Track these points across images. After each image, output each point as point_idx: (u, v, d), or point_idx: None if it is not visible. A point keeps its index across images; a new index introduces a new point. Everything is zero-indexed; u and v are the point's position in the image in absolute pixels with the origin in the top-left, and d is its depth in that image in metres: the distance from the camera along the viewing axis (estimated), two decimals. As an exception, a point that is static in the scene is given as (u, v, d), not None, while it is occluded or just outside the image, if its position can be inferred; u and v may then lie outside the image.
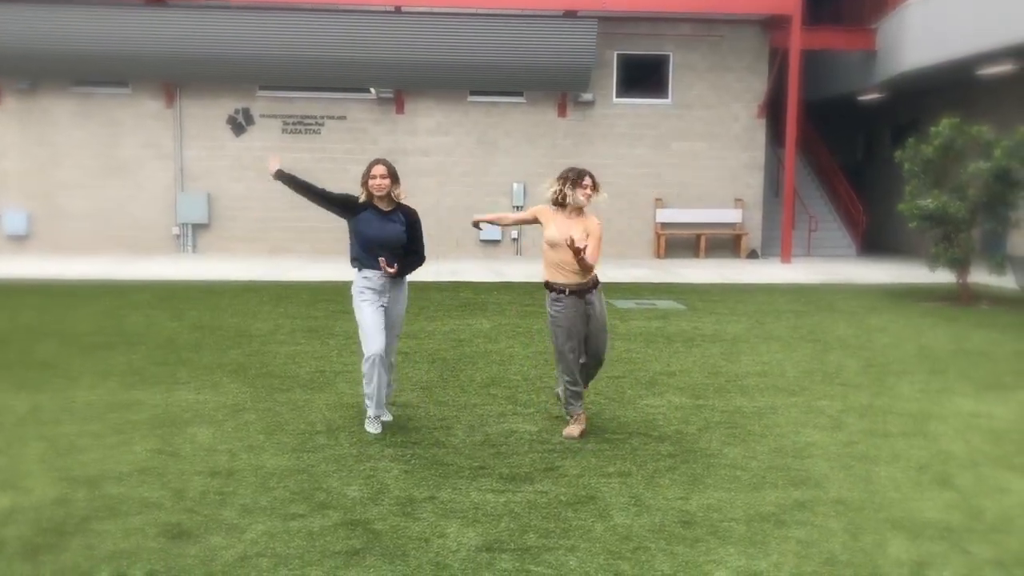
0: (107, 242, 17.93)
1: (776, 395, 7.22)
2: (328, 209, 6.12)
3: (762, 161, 19.03)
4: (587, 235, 5.80)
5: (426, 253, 6.19)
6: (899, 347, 9.38)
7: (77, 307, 11.16)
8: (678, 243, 18.82)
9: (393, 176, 5.98)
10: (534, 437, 5.93)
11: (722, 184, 18.89)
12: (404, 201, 6.04)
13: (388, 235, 5.91)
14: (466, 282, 14.31)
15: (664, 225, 18.70)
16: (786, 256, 17.93)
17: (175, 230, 18.19)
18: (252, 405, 6.64)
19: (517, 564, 4.01)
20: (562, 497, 4.84)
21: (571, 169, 5.99)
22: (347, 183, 18.63)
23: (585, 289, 5.89)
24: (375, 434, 5.91)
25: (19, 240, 17.77)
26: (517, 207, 18.35)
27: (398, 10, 17.42)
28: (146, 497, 4.72)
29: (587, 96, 18.25)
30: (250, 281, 14.03)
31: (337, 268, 15.64)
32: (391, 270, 5.82)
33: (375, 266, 5.89)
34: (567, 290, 5.86)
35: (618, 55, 18.50)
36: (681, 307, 11.92)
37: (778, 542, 4.31)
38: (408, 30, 17.20)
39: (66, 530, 4.29)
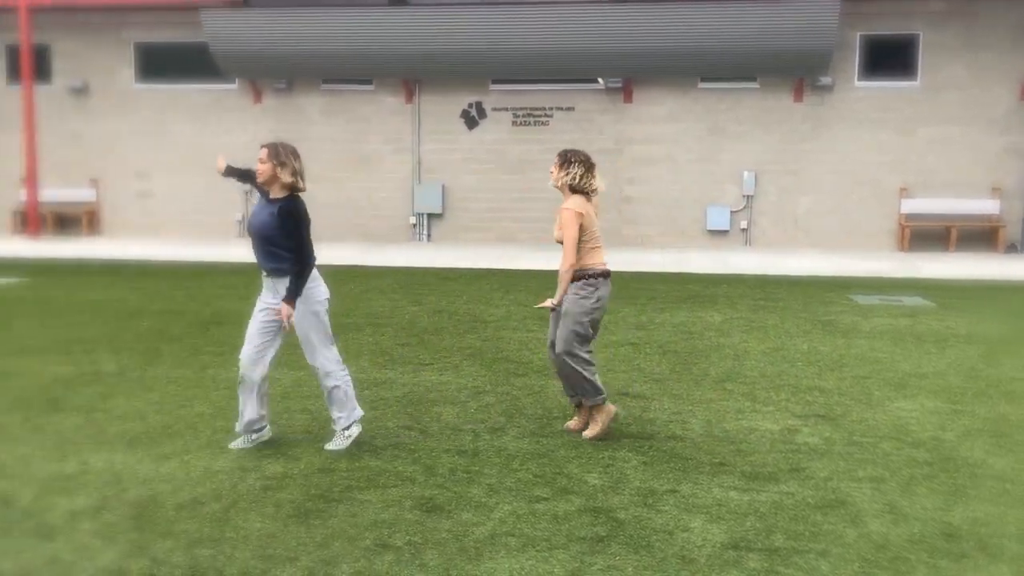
0: (351, 230, 19.14)
1: (1048, 403, 6.57)
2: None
3: (1024, 146, 17.35)
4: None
5: (311, 254, 5.25)
6: None
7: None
8: (925, 235, 17.53)
9: (277, 159, 5.17)
10: (776, 436, 5.73)
11: (976, 172, 17.38)
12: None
13: (256, 224, 5.26)
14: (692, 273, 14.06)
15: (909, 216, 17.47)
16: (1051, 251, 16.27)
17: (412, 220, 19.14)
18: (491, 388, 6.87)
19: (766, 564, 3.90)
20: (810, 500, 4.65)
21: None
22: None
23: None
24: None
25: (276, 228, 19.39)
26: (747, 196, 17.80)
27: (628, -1, 17.36)
28: (401, 471, 5.00)
29: (826, 79, 17.37)
30: (481, 269, 14.50)
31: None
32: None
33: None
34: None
35: (861, 36, 17.46)
36: (930, 304, 11.11)
37: (1060, 565, 3.92)
38: (638, 19, 17.09)
39: (332, 497, 4.62)
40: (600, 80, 18.27)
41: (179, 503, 4.53)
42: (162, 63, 19.68)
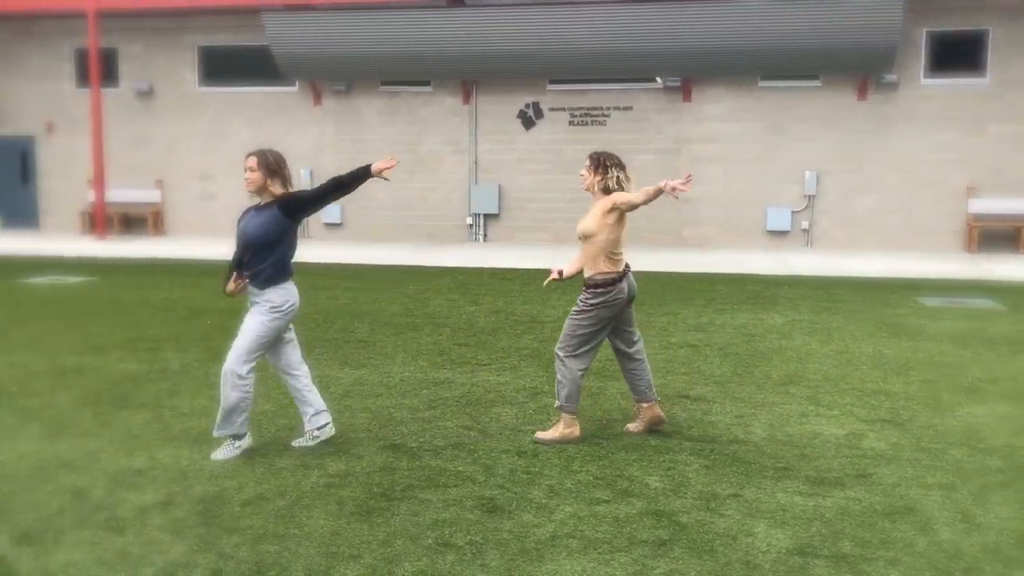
0: (408, 231, 19.27)
1: None
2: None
3: (1100, 144, 16.77)
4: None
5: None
6: None
7: (386, 290, 12.12)
8: (993, 236, 17.05)
9: (267, 168, 5.09)
10: (841, 441, 5.62)
11: (1048, 171, 16.87)
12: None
13: (251, 231, 5.14)
14: (752, 274, 13.88)
15: (977, 216, 17.02)
16: None
17: (468, 220, 19.21)
18: (549, 389, 6.84)
19: (832, 571, 3.82)
20: (877, 506, 4.54)
21: None
22: (630, 173, 18.80)
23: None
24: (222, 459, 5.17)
25: (334, 228, 19.60)
26: (809, 196, 17.52)
27: (687, -3, 17.19)
28: (461, 471, 5.01)
29: (890, 77, 17.00)
30: (538, 269, 14.47)
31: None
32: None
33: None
34: None
35: (927, 32, 17.06)
36: (1000, 307, 10.80)
37: None
38: (697, 17, 16.92)
39: (394, 496, 4.65)
40: (658, 79, 18.13)
41: (244, 499, 4.60)
42: (224, 66, 20.06)
